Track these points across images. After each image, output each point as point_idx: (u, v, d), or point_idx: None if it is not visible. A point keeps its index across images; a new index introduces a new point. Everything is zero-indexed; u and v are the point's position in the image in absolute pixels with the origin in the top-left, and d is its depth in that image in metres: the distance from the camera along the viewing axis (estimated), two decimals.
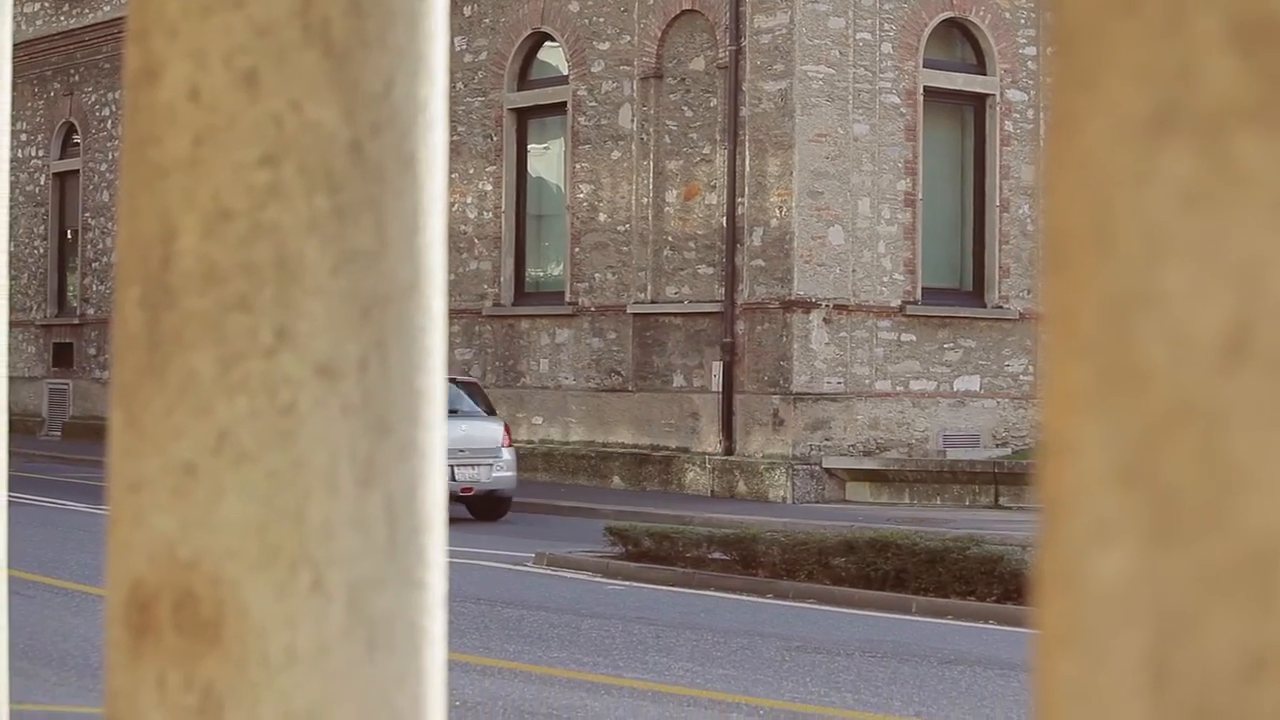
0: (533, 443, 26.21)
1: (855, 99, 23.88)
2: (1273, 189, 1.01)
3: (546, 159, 27.31)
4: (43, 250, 35.82)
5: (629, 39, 25.43)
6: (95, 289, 34.46)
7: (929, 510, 22.09)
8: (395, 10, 1.97)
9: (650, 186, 25.12)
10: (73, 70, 35.49)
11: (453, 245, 26.79)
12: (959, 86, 24.82)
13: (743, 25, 23.98)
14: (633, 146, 25.31)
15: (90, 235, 34.78)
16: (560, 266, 26.62)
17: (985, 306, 24.90)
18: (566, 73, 26.35)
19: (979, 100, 25.00)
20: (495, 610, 13.59)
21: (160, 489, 1.93)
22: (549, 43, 26.83)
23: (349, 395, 1.92)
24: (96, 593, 12.72)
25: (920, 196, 24.35)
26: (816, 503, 22.89)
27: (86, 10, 35.31)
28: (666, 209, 25.04)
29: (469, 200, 27.39)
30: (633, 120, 25.30)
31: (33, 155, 36.09)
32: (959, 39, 25.12)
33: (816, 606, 14.63)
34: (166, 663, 1.91)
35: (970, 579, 14.44)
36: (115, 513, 1.98)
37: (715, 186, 24.40)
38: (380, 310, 1.94)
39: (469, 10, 27.33)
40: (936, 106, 24.64)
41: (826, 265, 23.62)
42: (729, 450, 23.94)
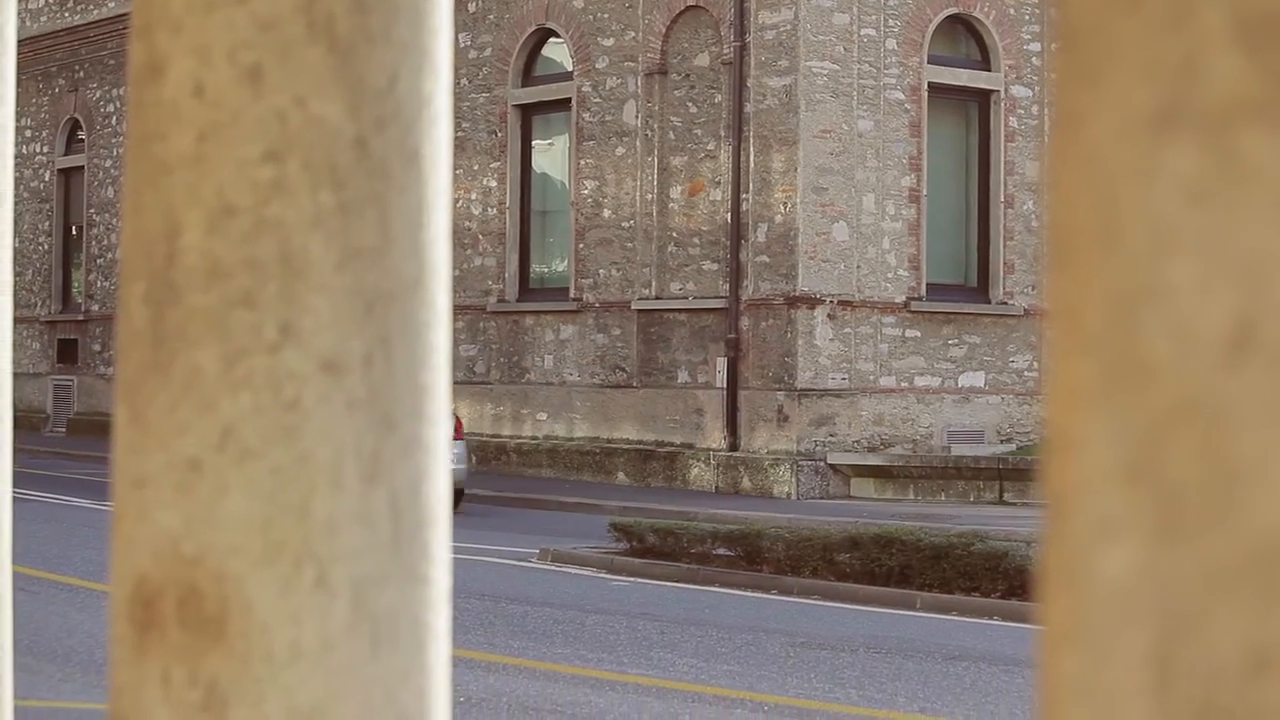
0: (537, 439, 26.22)
1: (860, 95, 23.87)
2: (1278, 185, 1.01)
3: (551, 155, 27.29)
4: (47, 246, 35.84)
5: (633, 35, 25.42)
6: (100, 285, 34.48)
7: (933, 506, 22.08)
8: (399, 5, 1.96)
9: (655, 182, 25.10)
10: (77, 66, 35.49)
11: (457, 241, 26.79)
12: (963, 82, 24.80)
13: (747, 21, 23.96)
14: (637, 142, 25.30)
15: (95, 231, 34.80)
16: (565, 262, 26.61)
17: (990, 302, 24.88)
18: (571, 69, 26.34)
19: (983, 96, 24.98)
20: (499, 606, 13.59)
21: (165, 485, 1.93)
22: (553, 38, 26.82)
23: (353, 391, 1.92)
24: (101, 589, 12.72)
25: (925, 192, 24.33)
26: (821, 499, 22.88)
27: (91, 6, 35.31)
28: (671, 205, 25.03)
29: (473, 196, 27.39)
30: (637, 116, 25.29)
31: (37, 151, 36.11)
32: (963, 35, 25.10)
33: (821, 602, 14.63)
34: (171, 659, 1.91)
35: (975, 575, 14.44)
36: (119, 509, 1.98)
37: (720, 182, 24.39)
38: (385, 306, 1.94)
39: (473, 6, 27.33)
40: (941, 102, 24.62)
41: (831, 261, 23.61)
42: (733, 446, 23.93)
